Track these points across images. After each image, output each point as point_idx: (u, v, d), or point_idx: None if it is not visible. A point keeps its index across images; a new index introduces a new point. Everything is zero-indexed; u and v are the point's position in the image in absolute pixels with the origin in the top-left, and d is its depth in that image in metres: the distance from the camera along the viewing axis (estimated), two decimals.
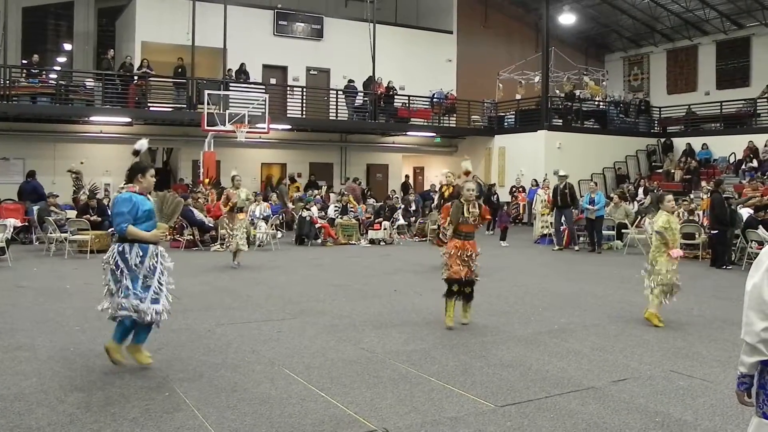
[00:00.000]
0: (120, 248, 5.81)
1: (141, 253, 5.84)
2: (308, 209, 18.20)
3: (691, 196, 19.48)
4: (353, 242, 18.03)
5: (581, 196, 18.90)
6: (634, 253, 16.12)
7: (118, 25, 25.89)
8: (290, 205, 20.28)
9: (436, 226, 13.67)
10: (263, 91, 22.16)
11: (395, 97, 25.34)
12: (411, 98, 25.58)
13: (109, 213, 11.82)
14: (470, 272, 7.75)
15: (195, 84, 21.91)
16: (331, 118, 24.35)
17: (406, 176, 27.79)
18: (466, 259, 7.71)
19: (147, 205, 5.91)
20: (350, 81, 24.52)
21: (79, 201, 17.81)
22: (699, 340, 7.35)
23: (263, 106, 20.46)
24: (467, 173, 9.08)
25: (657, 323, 7.97)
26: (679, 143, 25.89)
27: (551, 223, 18.47)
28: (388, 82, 25.04)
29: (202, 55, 22.84)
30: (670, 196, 8.44)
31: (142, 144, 6.25)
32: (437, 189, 14.21)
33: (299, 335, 7.30)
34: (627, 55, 31.93)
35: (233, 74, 22.73)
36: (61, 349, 6.63)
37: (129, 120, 21.77)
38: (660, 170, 25.38)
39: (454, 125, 26.97)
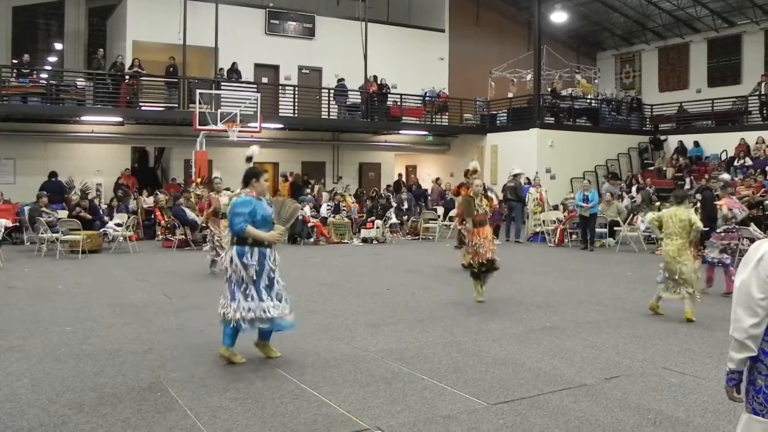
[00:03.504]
0: (240, 251, 5.98)
1: (260, 257, 6.01)
2: (301, 208, 18.17)
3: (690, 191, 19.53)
4: (346, 241, 18.03)
5: (573, 194, 19.09)
6: (626, 250, 16.17)
7: (109, 25, 25.78)
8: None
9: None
10: (255, 90, 22.13)
11: (387, 94, 25.32)
12: (403, 96, 25.57)
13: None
14: (491, 252, 9.16)
15: (186, 83, 21.84)
16: (323, 116, 24.33)
17: (399, 175, 27.77)
18: (483, 241, 9.14)
19: (265, 211, 6.12)
20: (340, 80, 24.50)
21: (70, 201, 17.76)
22: (691, 337, 7.38)
23: (255, 105, 20.44)
24: (475, 171, 9.74)
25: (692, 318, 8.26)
26: (671, 141, 25.98)
27: (544, 221, 18.55)
28: (381, 79, 25.00)
29: (194, 54, 22.76)
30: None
31: (254, 150, 6.55)
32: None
33: (291, 334, 7.27)
34: (619, 53, 31.97)
35: (225, 73, 22.67)
36: (53, 349, 6.60)
37: (120, 120, 21.68)
38: (652, 167, 25.45)
39: (447, 123, 26.95)
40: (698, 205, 14.91)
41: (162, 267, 13.01)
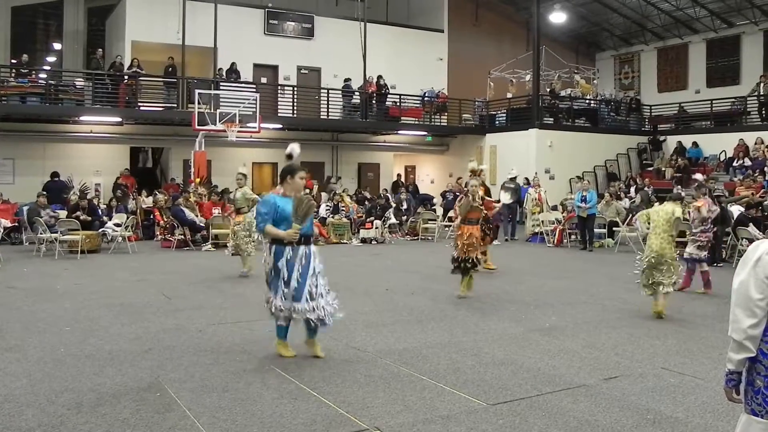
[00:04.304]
0: (276, 250, 6.17)
1: (276, 254, 6.13)
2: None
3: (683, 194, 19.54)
4: (345, 241, 18.01)
5: (571, 194, 19.13)
6: (625, 251, 16.17)
7: (108, 25, 25.78)
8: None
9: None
10: (254, 90, 22.12)
11: (387, 94, 25.33)
12: (402, 97, 25.58)
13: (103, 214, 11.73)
14: (473, 251, 9.54)
15: (185, 83, 21.84)
16: (322, 117, 24.33)
17: (398, 175, 27.79)
18: (468, 241, 9.54)
19: (288, 209, 6.15)
20: (346, 80, 24.53)
21: (69, 201, 17.75)
22: (690, 338, 7.38)
23: (254, 106, 20.43)
24: (473, 171, 10.05)
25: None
26: (670, 141, 26.00)
27: (542, 221, 18.56)
28: (380, 78, 25.01)
29: (193, 54, 22.77)
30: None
31: (293, 148, 6.46)
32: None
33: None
34: (618, 53, 31.99)
35: (224, 73, 22.67)
36: (52, 350, 6.59)
37: (119, 120, 21.69)
38: (651, 168, 25.47)
39: (446, 124, 26.97)
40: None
41: (161, 267, 13.00)
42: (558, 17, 27.61)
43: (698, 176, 12.59)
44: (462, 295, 9.63)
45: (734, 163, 22.55)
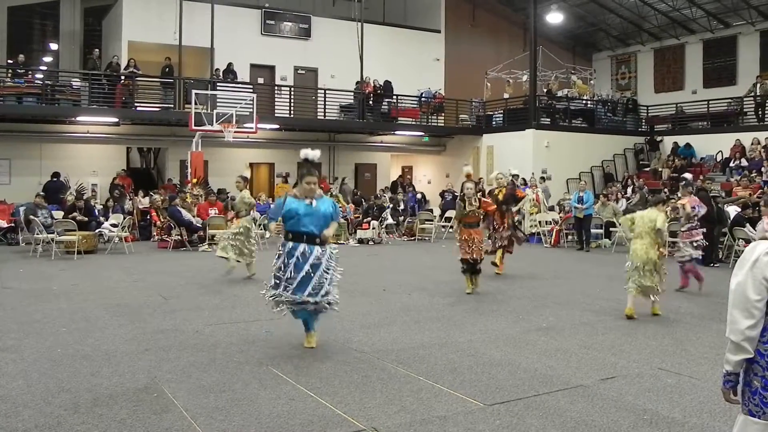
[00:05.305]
0: (282, 244, 6.61)
1: (281, 249, 6.57)
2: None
3: (678, 194, 19.53)
4: (341, 242, 17.99)
5: (569, 194, 19.16)
6: (622, 251, 16.16)
7: (104, 25, 25.75)
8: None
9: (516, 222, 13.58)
10: (251, 90, 22.10)
11: (390, 95, 25.33)
12: (399, 97, 25.59)
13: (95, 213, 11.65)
14: (477, 254, 9.87)
15: (182, 84, 21.81)
16: (319, 117, 24.33)
17: (400, 176, 27.78)
18: (471, 244, 9.85)
19: (300, 208, 6.45)
20: (357, 83, 24.58)
21: (66, 202, 17.72)
22: (687, 338, 7.39)
23: (251, 106, 20.41)
24: (468, 176, 10.29)
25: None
26: (667, 141, 26.02)
27: (540, 221, 18.57)
28: (384, 81, 25.01)
29: (190, 54, 22.74)
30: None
31: (306, 152, 6.64)
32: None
33: (288, 335, 7.27)
34: (614, 53, 32.00)
35: (221, 74, 22.64)
36: (48, 350, 6.58)
37: (116, 120, 21.65)
38: (647, 168, 25.48)
39: (443, 124, 26.96)
40: None
41: (157, 268, 12.98)
42: (555, 18, 27.63)
43: (687, 175, 12.62)
44: (468, 291, 10.00)
45: (731, 164, 22.58)
